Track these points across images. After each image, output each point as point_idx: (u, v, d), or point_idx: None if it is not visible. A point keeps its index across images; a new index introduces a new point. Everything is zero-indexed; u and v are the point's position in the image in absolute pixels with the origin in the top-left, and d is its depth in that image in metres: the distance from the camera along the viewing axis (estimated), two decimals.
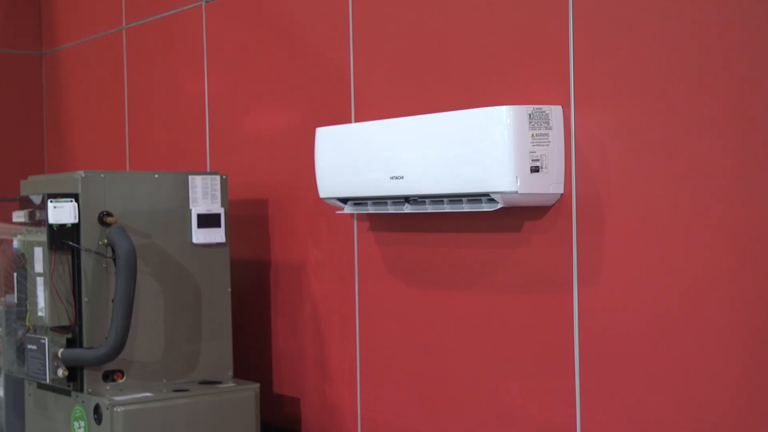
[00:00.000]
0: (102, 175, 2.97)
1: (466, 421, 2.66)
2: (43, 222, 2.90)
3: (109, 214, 2.94)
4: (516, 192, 2.32)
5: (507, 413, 2.54)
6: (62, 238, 2.89)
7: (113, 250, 2.89)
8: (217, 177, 3.14)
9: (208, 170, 3.67)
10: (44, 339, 2.91)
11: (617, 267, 2.28)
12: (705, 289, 2.10)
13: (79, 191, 2.92)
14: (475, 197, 2.42)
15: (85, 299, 2.91)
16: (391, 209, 2.66)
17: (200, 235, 3.10)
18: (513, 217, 2.50)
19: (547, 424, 2.43)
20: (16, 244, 3.05)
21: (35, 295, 2.95)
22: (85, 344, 2.92)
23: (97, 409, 2.88)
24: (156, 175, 3.07)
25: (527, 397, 2.49)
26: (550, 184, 2.36)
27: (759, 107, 2.00)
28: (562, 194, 2.38)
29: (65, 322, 2.92)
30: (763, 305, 2.00)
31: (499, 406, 2.57)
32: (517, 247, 2.51)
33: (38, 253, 2.94)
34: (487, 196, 2.39)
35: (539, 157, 2.34)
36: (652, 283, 2.20)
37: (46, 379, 2.92)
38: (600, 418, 2.31)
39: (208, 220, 3.12)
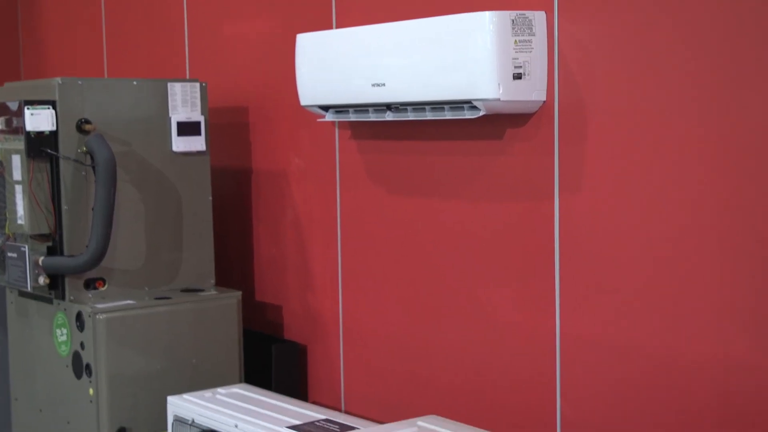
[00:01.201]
0: (80, 82, 2.92)
1: (447, 328, 2.69)
2: (20, 129, 2.87)
3: (87, 122, 2.91)
4: (498, 99, 2.31)
5: (487, 319, 2.57)
6: (40, 146, 2.86)
7: (92, 158, 2.87)
8: (197, 84, 3.10)
9: (188, 77, 3.62)
10: (24, 247, 2.90)
11: (599, 175, 2.28)
12: (686, 197, 2.10)
13: (57, 98, 2.88)
14: (457, 104, 2.40)
15: (64, 207, 2.90)
16: (372, 117, 2.64)
17: (180, 143, 3.08)
18: (495, 125, 2.48)
19: (528, 329, 2.46)
20: None
21: (14, 203, 2.94)
22: (65, 252, 2.91)
23: (79, 317, 2.89)
24: (135, 83, 3.03)
25: (508, 303, 2.52)
26: (532, 92, 2.34)
27: (747, 15, 1.98)
28: (544, 102, 2.37)
29: (45, 230, 2.91)
30: (746, 211, 2.00)
31: (480, 313, 2.59)
32: (499, 155, 2.50)
33: (16, 160, 2.92)
34: (469, 104, 2.37)
35: (522, 64, 2.32)
36: (634, 192, 2.20)
37: (27, 287, 2.92)
38: (579, 323, 2.34)
39: (188, 128, 3.09)
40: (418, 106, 2.50)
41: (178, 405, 2.69)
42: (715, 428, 2.07)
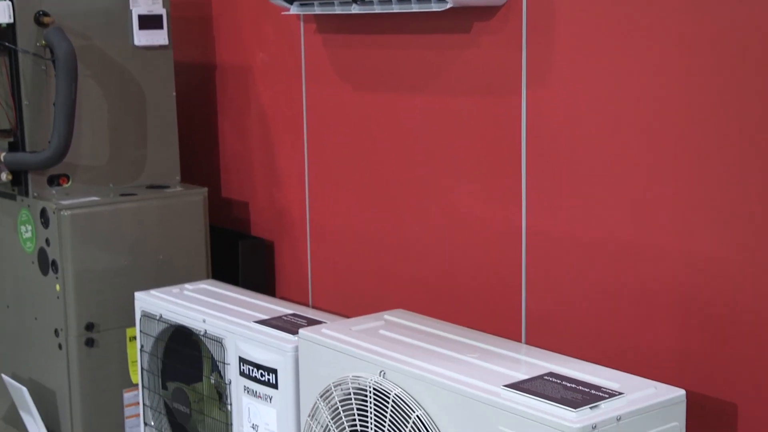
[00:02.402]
0: None
1: (414, 222, 2.70)
2: None
3: (45, 14, 2.84)
4: None
5: (454, 214, 2.58)
6: None
7: (51, 52, 2.81)
8: None
9: None
10: None
11: (567, 68, 2.26)
12: (655, 91, 2.10)
13: None
14: None
15: (25, 102, 2.85)
16: (338, 9, 2.60)
17: (142, 37, 3.02)
18: (462, 18, 2.45)
19: (494, 223, 2.47)
20: None
21: None
22: (27, 148, 2.88)
23: (43, 213, 2.87)
24: None
25: (474, 198, 2.52)
26: None
27: None
28: None
29: (6, 126, 2.87)
30: (711, 105, 2.00)
31: (447, 208, 2.60)
32: (467, 48, 2.47)
33: None
34: None
35: None
36: (602, 85, 2.20)
37: None
38: (545, 218, 2.35)
39: (149, 22, 3.03)
40: None
41: (146, 301, 2.69)
42: (676, 320, 2.11)
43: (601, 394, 1.75)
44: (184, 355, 2.59)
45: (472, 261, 2.55)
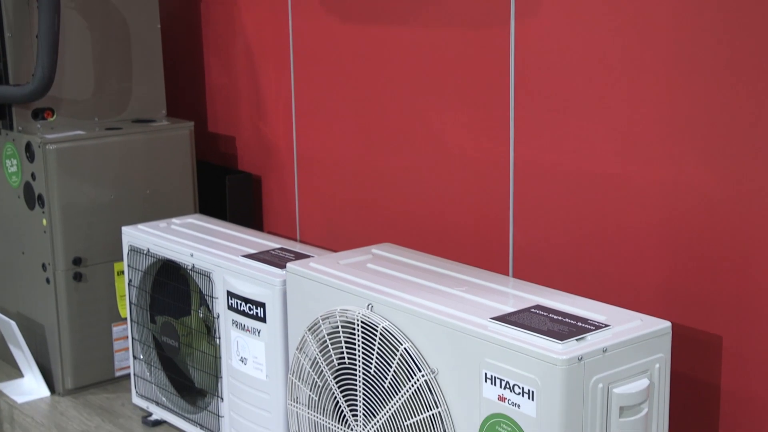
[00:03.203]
0: None
1: (401, 156, 2.69)
2: None
3: None
4: None
5: (441, 147, 2.57)
6: None
7: None
8: None
9: None
10: None
11: (555, 1, 2.24)
12: (642, 23, 2.08)
13: None
14: None
15: (7, 35, 2.81)
16: None
17: None
18: None
19: (482, 155, 2.46)
20: None
21: None
22: (11, 82, 2.84)
23: (28, 147, 2.85)
24: None
25: (462, 131, 2.51)
26: None
27: None
28: None
29: None
30: (699, 30, 1.99)
31: (434, 140, 2.59)
32: None
33: None
34: None
35: None
36: (590, 18, 2.18)
37: None
38: (533, 150, 2.35)
39: None
40: None
41: (133, 235, 2.69)
42: (663, 252, 2.12)
43: (587, 326, 1.76)
44: (172, 289, 2.60)
45: (460, 194, 2.54)
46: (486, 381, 1.75)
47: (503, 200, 2.43)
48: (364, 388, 1.99)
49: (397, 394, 1.91)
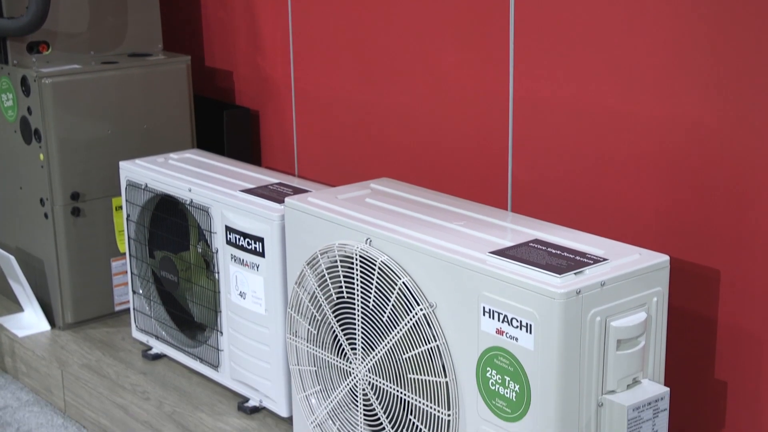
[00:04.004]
0: None
1: (400, 91, 2.67)
2: None
3: None
4: None
5: (440, 81, 2.55)
6: None
7: None
8: None
9: None
10: None
11: None
12: None
13: None
14: None
15: None
16: None
17: None
18: None
19: (481, 90, 2.45)
20: None
21: None
22: (5, 14, 2.81)
23: (24, 81, 2.83)
24: None
25: (461, 65, 2.49)
26: None
27: None
28: None
29: None
30: None
31: (433, 75, 2.57)
32: None
33: None
34: None
35: None
36: None
37: None
38: (533, 85, 2.33)
39: None
40: None
41: (131, 170, 2.68)
42: (661, 186, 2.12)
43: (585, 260, 1.76)
44: (171, 224, 2.59)
45: (459, 129, 2.53)
46: (484, 315, 1.76)
47: (502, 135, 2.42)
48: (362, 322, 2.00)
49: (395, 328, 1.92)
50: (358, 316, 2.00)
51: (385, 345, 1.95)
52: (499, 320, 1.73)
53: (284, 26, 3.00)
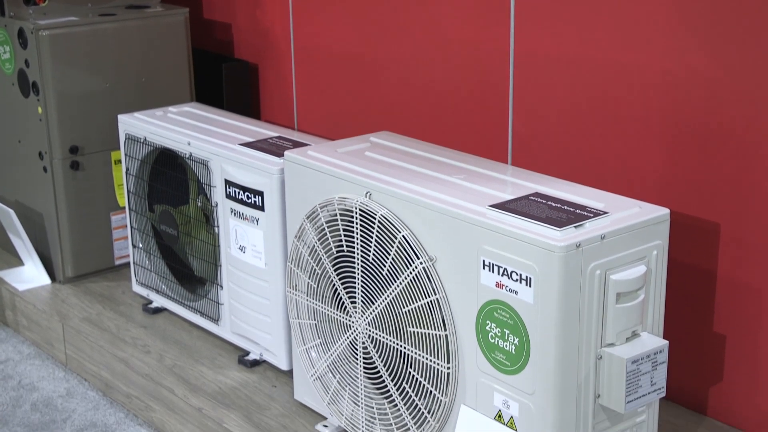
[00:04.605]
0: None
1: (401, 44, 2.65)
2: None
3: None
4: None
5: (440, 35, 2.53)
6: None
7: None
8: None
9: None
10: None
11: None
12: None
13: None
14: None
15: None
16: None
17: None
18: None
19: (482, 44, 2.43)
20: None
21: None
22: None
23: (21, 34, 2.80)
24: None
25: (461, 18, 2.47)
26: None
27: None
28: None
29: None
30: None
31: (433, 29, 2.54)
32: None
33: None
34: None
35: None
36: None
37: None
38: (534, 38, 2.31)
39: None
40: None
41: (130, 123, 2.67)
42: (662, 140, 2.11)
43: (586, 213, 1.76)
44: (170, 177, 2.59)
45: (460, 83, 2.51)
46: (484, 268, 1.75)
47: (503, 88, 2.40)
48: (362, 276, 1.99)
49: (395, 282, 1.92)
50: (358, 269, 2.00)
51: (385, 298, 1.95)
52: (498, 273, 1.73)
53: None
